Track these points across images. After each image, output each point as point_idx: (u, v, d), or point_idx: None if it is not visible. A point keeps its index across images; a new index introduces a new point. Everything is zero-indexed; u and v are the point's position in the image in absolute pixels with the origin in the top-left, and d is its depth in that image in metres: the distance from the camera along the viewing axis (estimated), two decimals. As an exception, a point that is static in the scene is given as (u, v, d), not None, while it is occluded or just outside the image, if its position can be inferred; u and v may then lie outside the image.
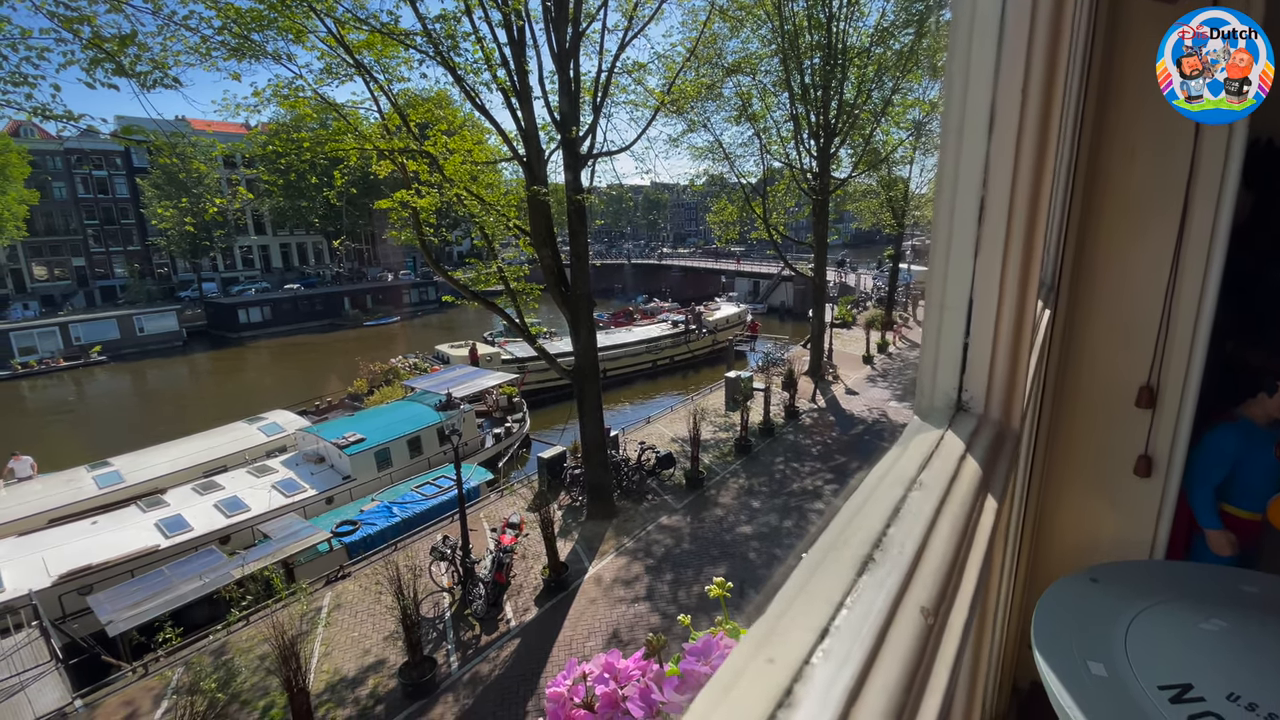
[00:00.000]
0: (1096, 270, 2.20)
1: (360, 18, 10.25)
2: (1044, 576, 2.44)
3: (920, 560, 0.41)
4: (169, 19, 9.44)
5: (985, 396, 0.70)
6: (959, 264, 0.67)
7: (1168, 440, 2.22)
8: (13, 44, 8.59)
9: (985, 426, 0.67)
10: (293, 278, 56.68)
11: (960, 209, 0.66)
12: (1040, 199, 0.66)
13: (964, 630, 0.40)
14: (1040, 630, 1.77)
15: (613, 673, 1.13)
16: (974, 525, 0.49)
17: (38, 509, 14.21)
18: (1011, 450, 0.68)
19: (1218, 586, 1.95)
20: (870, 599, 0.36)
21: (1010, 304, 0.68)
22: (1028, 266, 0.67)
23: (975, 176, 0.64)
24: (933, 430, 0.64)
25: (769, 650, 0.33)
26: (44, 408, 33.36)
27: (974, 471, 0.55)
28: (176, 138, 13.60)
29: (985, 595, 0.74)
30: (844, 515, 0.47)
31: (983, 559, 0.46)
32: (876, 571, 0.39)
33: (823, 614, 0.35)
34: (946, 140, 0.66)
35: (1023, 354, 0.71)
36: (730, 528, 13.45)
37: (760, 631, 0.35)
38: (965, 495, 0.51)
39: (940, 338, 0.71)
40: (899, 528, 0.44)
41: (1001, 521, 0.73)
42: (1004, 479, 0.61)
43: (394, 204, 12.08)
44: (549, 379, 24.36)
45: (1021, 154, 0.63)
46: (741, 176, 22.70)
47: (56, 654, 9.82)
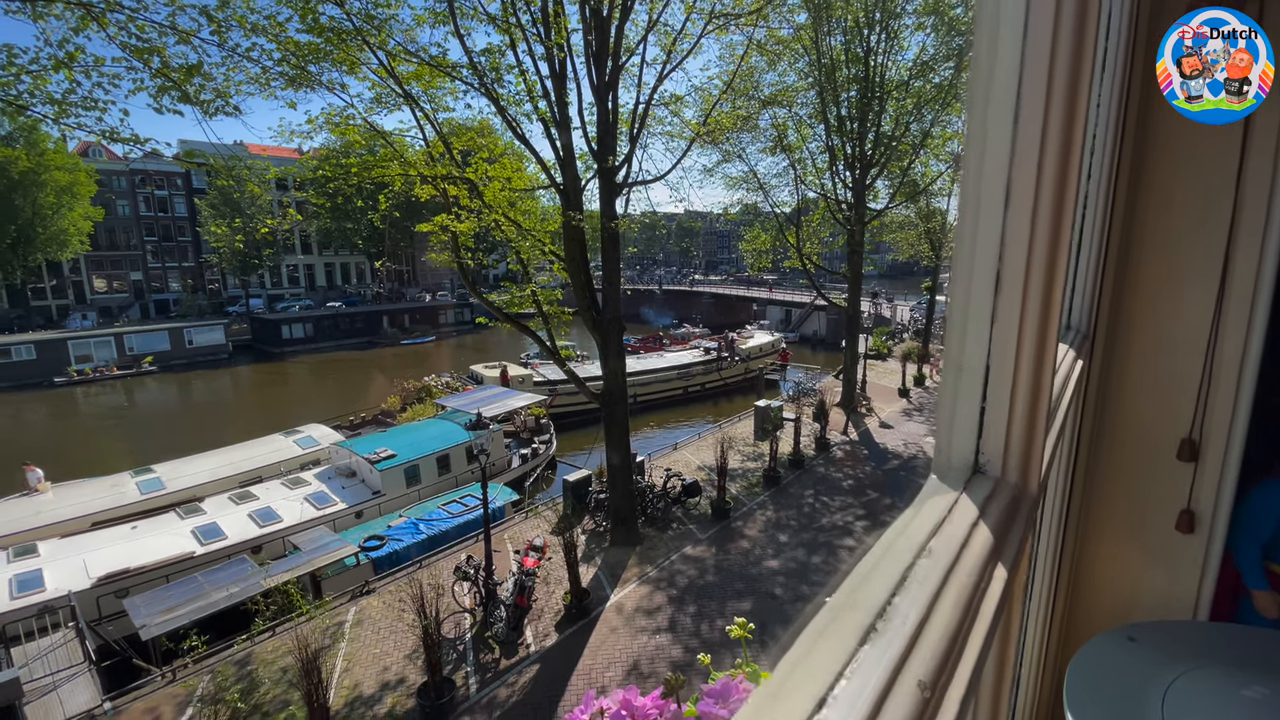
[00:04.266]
0: (1135, 320, 2.16)
1: (410, 50, 10.71)
2: (1081, 633, 2.36)
3: (922, 632, 0.42)
4: (233, 51, 9.97)
5: (1002, 460, 0.71)
6: (976, 331, 0.69)
7: (1211, 495, 2.14)
8: (86, 71, 9.13)
9: (1001, 490, 0.68)
10: (335, 296, 58.51)
11: (977, 280, 0.68)
12: (1056, 272, 0.68)
13: (961, 704, 0.41)
14: (1073, 691, 1.72)
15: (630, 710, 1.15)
16: (981, 595, 0.50)
17: (82, 512, 14.75)
18: (1028, 514, 0.69)
19: (1262, 651, 1.86)
20: (869, 671, 0.38)
21: (1027, 371, 0.69)
22: (1044, 335, 0.69)
23: (992, 250, 0.66)
24: (948, 493, 0.65)
25: (769, 717, 0.35)
26: (96, 413, 34.76)
27: (985, 539, 0.56)
28: (234, 161, 14.27)
29: (1003, 665, 0.73)
30: (853, 580, 0.49)
31: (987, 630, 0.48)
32: (878, 642, 0.41)
33: (822, 683, 0.37)
34: (964, 214, 0.68)
35: (1039, 418, 0.71)
36: (756, 561, 13.22)
37: (763, 695, 0.37)
38: (974, 564, 0.52)
39: (957, 400, 0.72)
40: (904, 597, 0.46)
41: (1016, 587, 0.73)
42: (1017, 545, 0.62)
43: (434, 227, 12.44)
44: (578, 402, 24.50)
45: (1037, 229, 0.65)
46: (775, 206, 22.77)
47: (90, 655, 10.07)
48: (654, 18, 11.98)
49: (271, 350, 47.50)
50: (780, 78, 20.26)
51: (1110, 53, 1.73)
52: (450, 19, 10.62)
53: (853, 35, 19.11)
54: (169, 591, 11.30)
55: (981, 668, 0.47)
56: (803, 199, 22.95)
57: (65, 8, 8.49)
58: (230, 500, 15.34)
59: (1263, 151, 1.91)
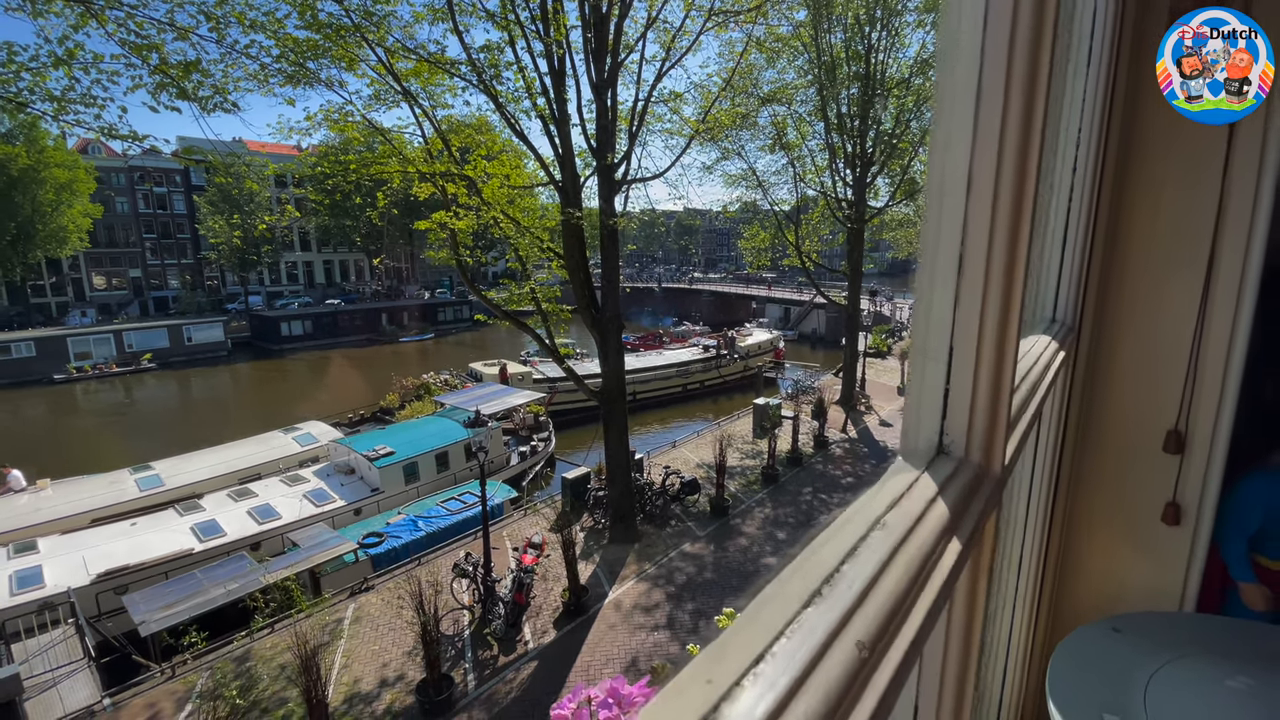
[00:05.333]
0: (1121, 313, 2.17)
1: (409, 47, 10.70)
2: (1068, 624, 2.38)
3: (866, 598, 0.44)
4: (231, 47, 9.96)
5: (965, 441, 0.72)
6: (940, 314, 0.70)
7: (1197, 487, 2.16)
8: (85, 68, 9.11)
9: (963, 470, 0.69)
10: (334, 293, 58.51)
11: (941, 263, 0.69)
12: (1016, 257, 0.69)
13: (900, 665, 0.43)
14: (1056, 679, 1.73)
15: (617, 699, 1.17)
16: (931, 567, 0.51)
17: (82, 509, 14.78)
18: (990, 493, 0.70)
19: (1246, 642, 1.88)
20: (809, 631, 0.39)
21: (989, 354, 0.71)
22: (1005, 319, 0.70)
23: (955, 234, 0.67)
24: (910, 472, 0.66)
25: (710, 671, 0.36)
26: (95, 410, 34.78)
27: (940, 515, 0.57)
28: (232, 158, 14.30)
29: (969, 638, 0.75)
30: (806, 552, 0.50)
31: (934, 599, 0.49)
32: (821, 605, 0.42)
33: (763, 641, 0.38)
34: (930, 199, 0.69)
35: (1002, 401, 0.73)
36: (755, 558, 13.25)
37: (708, 654, 0.39)
38: (927, 537, 0.53)
39: (923, 383, 0.74)
40: (853, 565, 0.47)
41: (979, 563, 0.75)
42: (975, 521, 0.63)
43: (433, 225, 12.45)
44: (577, 399, 24.53)
45: (998, 213, 0.66)
46: (775, 204, 22.78)
47: (89, 652, 10.10)
48: (653, 14, 11.98)
49: (270, 347, 47.50)
50: (780, 75, 20.26)
51: (1096, 49, 1.74)
52: (449, 16, 10.62)
53: (853, 32, 19.09)
54: (168, 588, 11.33)
55: (927, 633, 0.48)
56: (802, 197, 22.95)
57: (65, 5, 8.49)
58: (229, 497, 15.36)
59: (1248, 145, 1.92)
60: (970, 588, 0.72)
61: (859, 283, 22.76)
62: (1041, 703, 1.73)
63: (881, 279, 63.27)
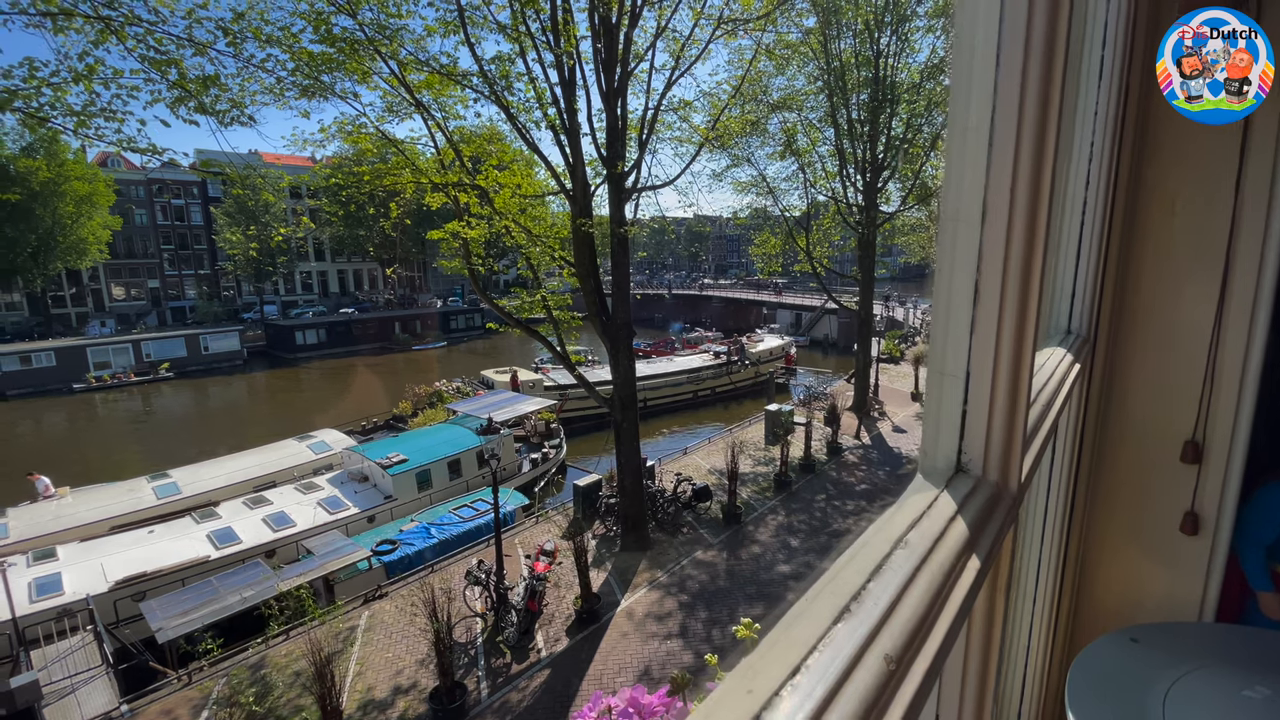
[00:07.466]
0: (1137, 323, 2.17)
1: (422, 60, 10.85)
2: (1086, 635, 2.37)
3: (892, 613, 0.47)
4: (248, 62, 10.14)
5: (983, 459, 0.75)
6: (957, 337, 0.73)
7: (1215, 497, 2.15)
8: (105, 83, 9.30)
9: (981, 488, 0.72)
10: (348, 302, 59.10)
11: (957, 290, 0.72)
12: (1030, 285, 0.72)
13: (925, 677, 0.45)
14: (1075, 690, 1.73)
15: (637, 708, 1.19)
16: (952, 583, 0.54)
17: (100, 516, 14.99)
18: (1008, 510, 0.73)
19: (1266, 651, 1.87)
20: (840, 645, 0.42)
21: (1005, 376, 0.73)
22: (1020, 343, 0.73)
23: (970, 262, 0.70)
24: (930, 490, 0.69)
25: (749, 683, 0.39)
26: (114, 419, 35.28)
27: (960, 533, 0.60)
28: (249, 170, 14.53)
29: (987, 652, 0.77)
30: (832, 569, 0.53)
31: (956, 613, 0.52)
32: (850, 621, 0.45)
33: (798, 654, 0.41)
34: (944, 227, 0.72)
35: (1018, 421, 0.75)
36: (768, 566, 13.20)
37: (746, 666, 0.42)
38: (948, 555, 0.56)
39: (942, 402, 0.76)
40: (878, 582, 0.50)
41: (997, 578, 0.77)
42: (994, 538, 0.65)
43: (445, 234, 12.57)
44: (588, 406, 24.57)
45: (1012, 239, 0.69)
46: (785, 210, 22.78)
47: (108, 658, 10.22)
48: (662, 24, 12.07)
49: (285, 356, 47.98)
50: (789, 81, 20.31)
51: (1108, 59, 1.75)
52: (460, 28, 10.76)
53: (863, 38, 19.12)
54: (185, 595, 11.44)
55: (949, 648, 0.51)
56: (813, 203, 22.94)
57: (85, 22, 8.68)
58: (245, 505, 15.52)
59: (1262, 151, 1.92)
60: (989, 602, 0.74)
61: (871, 288, 22.68)
62: (1061, 714, 1.74)
63: (894, 284, 62.89)
